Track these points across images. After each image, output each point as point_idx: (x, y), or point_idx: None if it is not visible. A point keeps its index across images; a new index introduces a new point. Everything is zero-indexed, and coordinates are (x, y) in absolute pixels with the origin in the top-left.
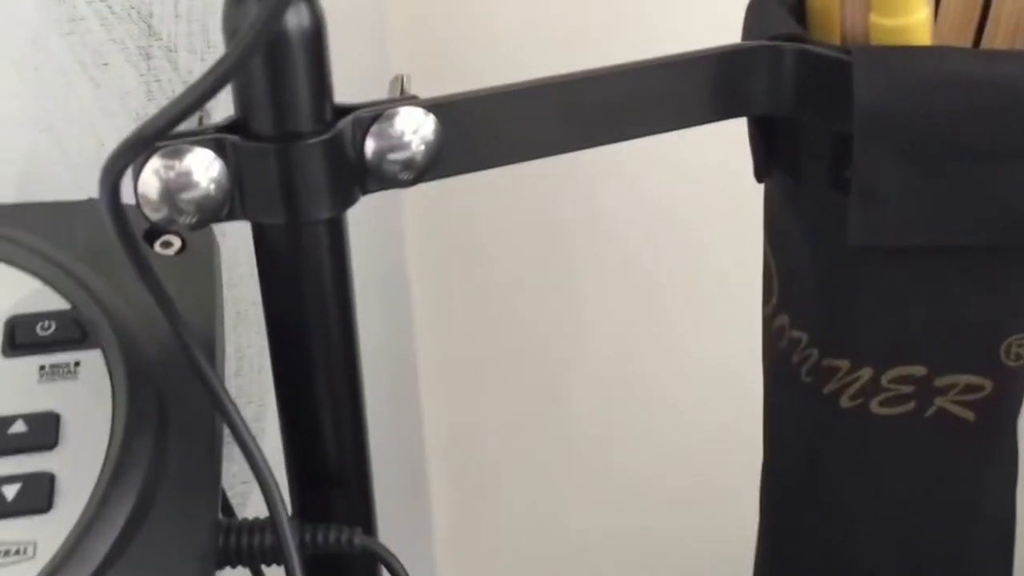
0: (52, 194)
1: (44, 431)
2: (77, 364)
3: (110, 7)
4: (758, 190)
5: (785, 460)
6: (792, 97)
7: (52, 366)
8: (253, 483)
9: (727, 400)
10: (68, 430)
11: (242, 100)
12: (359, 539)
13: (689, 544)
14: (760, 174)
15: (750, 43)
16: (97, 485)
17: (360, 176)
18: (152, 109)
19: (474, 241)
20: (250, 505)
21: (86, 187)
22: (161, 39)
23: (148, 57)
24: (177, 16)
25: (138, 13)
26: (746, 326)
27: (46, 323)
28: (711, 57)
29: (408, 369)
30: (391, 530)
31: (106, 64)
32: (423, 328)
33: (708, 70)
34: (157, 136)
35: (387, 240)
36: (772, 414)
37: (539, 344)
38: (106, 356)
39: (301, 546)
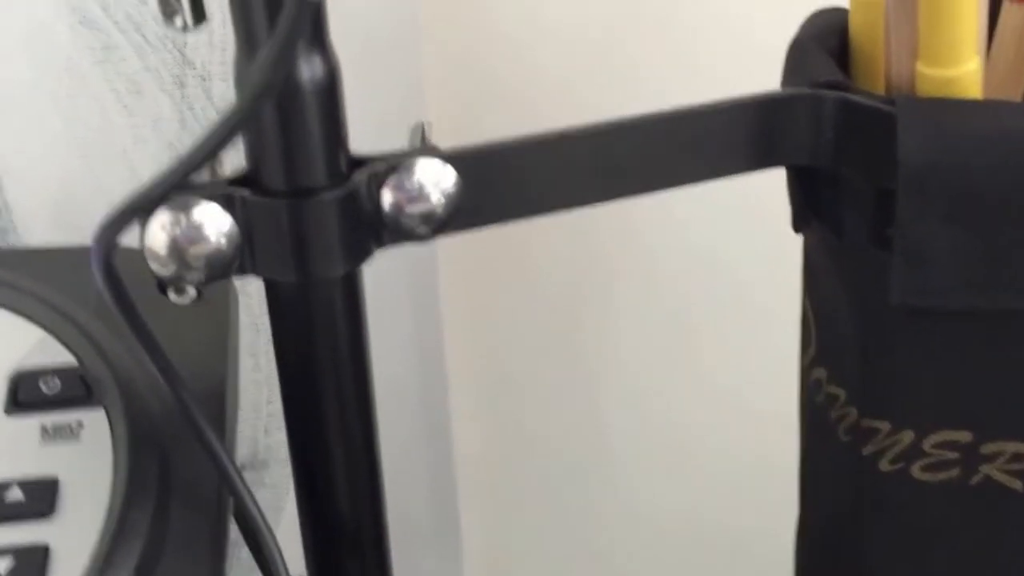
0: (84, 223)
1: (41, 499)
2: (80, 424)
3: (144, 36)
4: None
5: (822, 519)
6: (832, 148)
7: (54, 427)
8: (284, 510)
9: (764, 436)
10: (66, 497)
11: (252, 152)
12: None
13: None
14: (798, 225)
15: (789, 90)
16: (93, 561)
17: (376, 230)
18: (185, 137)
19: (508, 275)
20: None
21: None
22: (195, 67)
23: (182, 85)
24: (211, 45)
25: (172, 42)
26: (784, 365)
27: (51, 380)
28: (748, 105)
29: (439, 405)
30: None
31: (139, 92)
32: (455, 363)
33: (744, 118)
34: (159, 198)
35: (418, 274)
36: (809, 469)
37: (575, 380)
38: (109, 417)
39: None
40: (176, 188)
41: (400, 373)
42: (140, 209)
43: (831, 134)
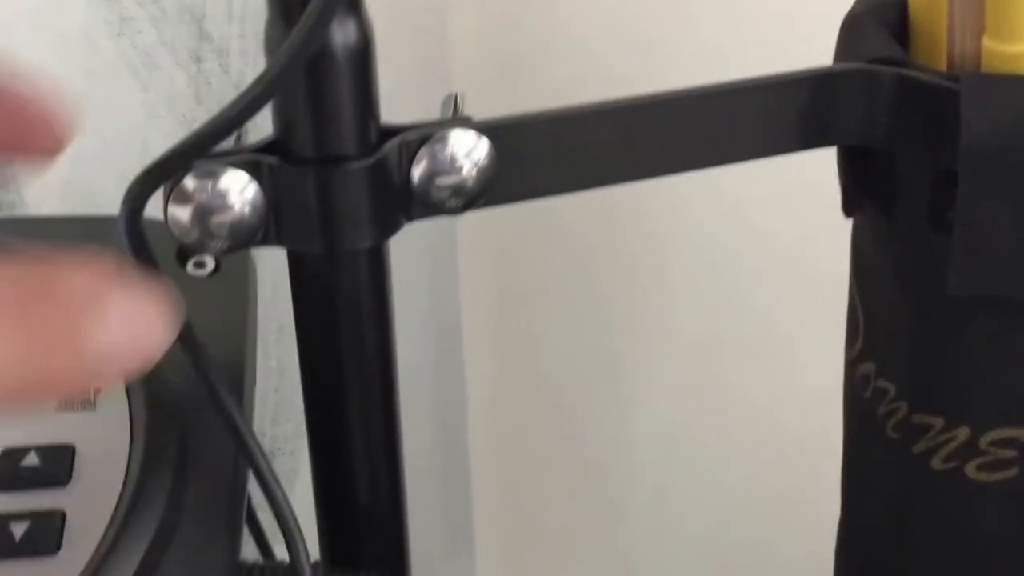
0: (96, 199)
1: (58, 465)
2: (97, 392)
3: (162, 8)
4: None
5: (867, 522)
6: (889, 127)
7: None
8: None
9: (794, 455)
10: (83, 465)
11: (281, 119)
12: None
13: None
14: (849, 208)
15: (844, 66)
16: (108, 527)
17: (405, 202)
18: (201, 113)
19: (531, 267)
20: None
21: None
22: (213, 41)
23: (199, 60)
24: (230, 18)
25: (190, 15)
26: (818, 368)
27: None
28: (799, 80)
29: (457, 402)
30: None
31: (155, 66)
32: (473, 360)
33: (795, 94)
34: (187, 160)
35: (439, 262)
36: (853, 470)
37: (598, 384)
38: (127, 386)
39: None
40: (205, 152)
41: (417, 349)
42: (171, 168)
43: (887, 113)
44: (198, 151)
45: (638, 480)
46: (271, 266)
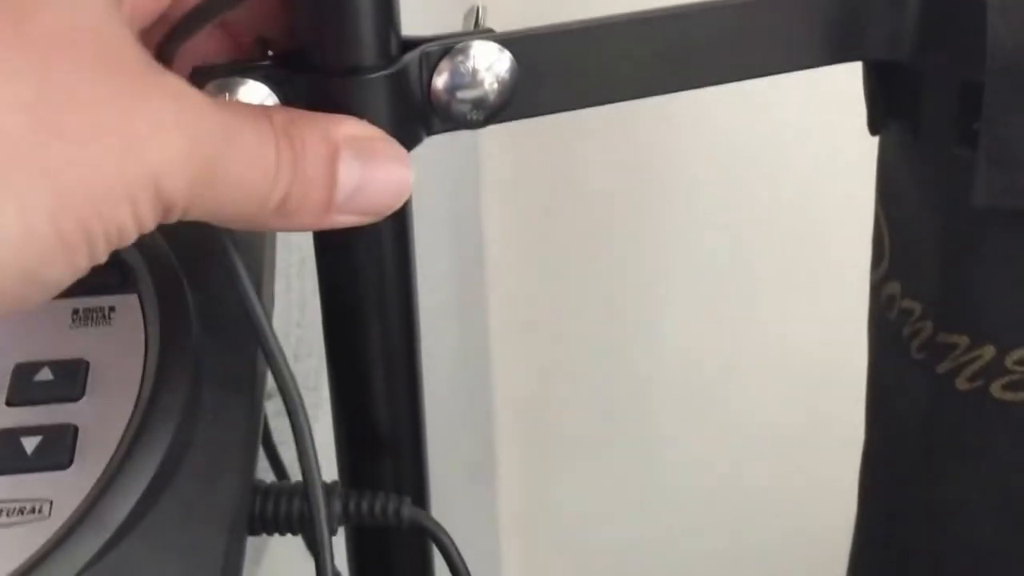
0: None
1: (71, 380)
2: (112, 309)
3: None
4: (869, 146)
5: (891, 444)
6: (915, 39)
7: (85, 310)
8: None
9: (819, 391)
10: (97, 380)
11: (301, 29)
12: (407, 510)
13: (775, 543)
14: (875, 126)
15: None
16: (121, 442)
17: (426, 115)
18: None
19: (555, 205)
20: None
21: None
22: None
23: None
24: None
25: None
26: (843, 305)
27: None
28: None
29: (479, 331)
30: (454, 507)
31: None
32: (497, 291)
33: (821, 7)
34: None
35: (461, 183)
36: (877, 391)
37: (619, 317)
38: (142, 302)
39: (344, 514)
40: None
41: (440, 278)
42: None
43: (913, 23)
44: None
45: (661, 409)
46: None
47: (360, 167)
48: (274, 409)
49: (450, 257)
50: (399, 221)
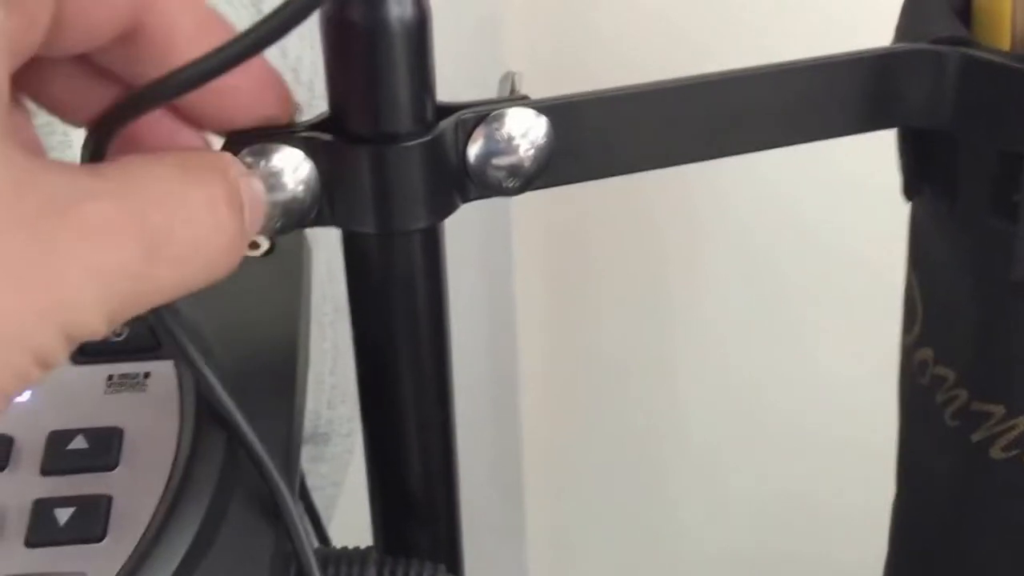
0: None
1: (106, 449)
2: (147, 375)
3: None
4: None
5: (923, 509)
6: (952, 109)
7: (120, 376)
8: (342, 484)
9: (849, 413)
10: (131, 449)
11: (336, 96)
12: None
13: (802, 563)
14: (910, 192)
15: (908, 45)
16: (156, 513)
17: (461, 182)
18: None
19: (582, 248)
20: (337, 506)
21: None
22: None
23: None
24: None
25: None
26: (872, 340)
27: (119, 329)
28: (862, 60)
29: (509, 389)
30: (482, 567)
31: None
32: (527, 342)
33: (858, 74)
34: (156, 100)
35: (492, 248)
36: (908, 456)
37: (649, 360)
38: (178, 369)
39: None
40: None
41: (471, 329)
42: (143, 104)
43: (952, 94)
44: (170, 93)
45: (687, 448)
46: (326, 247)
47: None
48: (307, 455)
49: (479, 318)
50: (433, 269)
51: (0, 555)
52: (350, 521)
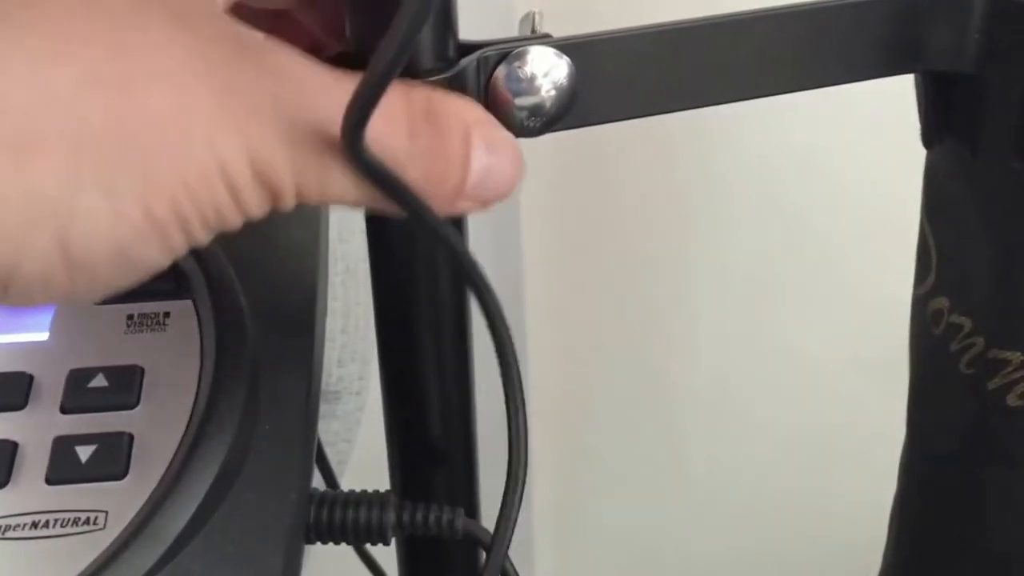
0: None
1: (127, 387)
2: (167, 315)
3: None
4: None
5: (936, 454)
6: (978, 51)
7: (140, 315)
8: (354, 442)
9: (844, 400)
10: (152, 387)
11: (358, 33)
12: (462, 522)
13: (802, 551)
14: (930, 140)
15: None
16: (178, 451)
17: None
18: None
19: (591, 218)
20: (349, 463)
21: None
22: None
23: None
24: None
25: None
26: (866, 319)
27: None
28: (887, 1)
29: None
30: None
31: None
32: (535, 309)
33: (881, 16)
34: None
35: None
36: (921, 403)
37: (650, 335)
38: (197, 308)
39: (398, 525)
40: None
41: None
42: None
43: (977, 36)
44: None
45: (691, 416)
46: (335, 212)
47: (486, 153)
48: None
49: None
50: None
51: (20, 492)
52: (368, 474)
